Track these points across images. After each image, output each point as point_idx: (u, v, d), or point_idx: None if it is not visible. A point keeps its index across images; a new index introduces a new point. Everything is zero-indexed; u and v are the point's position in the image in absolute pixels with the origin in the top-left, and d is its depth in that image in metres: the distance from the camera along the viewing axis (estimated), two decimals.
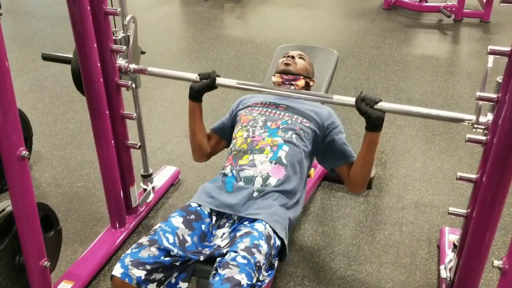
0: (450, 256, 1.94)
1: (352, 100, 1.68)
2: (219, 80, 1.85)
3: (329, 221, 2.34)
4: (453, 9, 5.03)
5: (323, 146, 1.88)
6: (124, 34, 1.97)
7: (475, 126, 1.56)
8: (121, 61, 1.98)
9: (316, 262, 2.09)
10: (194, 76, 1.89)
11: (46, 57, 2.17)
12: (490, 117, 1.53)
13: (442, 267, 1.97)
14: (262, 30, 5.01)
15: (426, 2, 5.43)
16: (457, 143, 2.97)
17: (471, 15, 5.12)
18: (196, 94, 1.88)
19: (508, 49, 1.40)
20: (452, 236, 2.06)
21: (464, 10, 5.05)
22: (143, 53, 2.07)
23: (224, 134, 2.03)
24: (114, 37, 1.93)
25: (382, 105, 1.66)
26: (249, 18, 5.49)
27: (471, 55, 4.38)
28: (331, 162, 1.88)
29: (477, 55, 4.33)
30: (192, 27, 5.15)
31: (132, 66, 1.99)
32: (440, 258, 2.07)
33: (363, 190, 1.87)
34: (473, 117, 1.56)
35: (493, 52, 1.42)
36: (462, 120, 1.61)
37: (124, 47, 1.94)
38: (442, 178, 2.65)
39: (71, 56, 2.01)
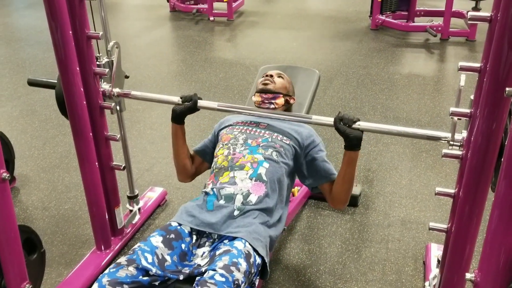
0: (434, 272, 1.94)
1: (330, 120, 1.71)
2: (201, 103, 1.88)
3: (315, 240, 2.34)
4: (439, 28, 5.11)
5: (304, 164, 1.90)
6: (108, 59, 2.00)
7: (451, 143, 1.58)
8: (105, 86, 2.02)
9: (302, 281, 2.09)
10: (177, 99, 1.92)
11: (32, 83, 2.25)
12: (465, 134, 1.55)
13: (427, 283, 1.97)
14: (251, 52, 5.07)
15: (413, 22, 5.53)
16: (443, 160, 2.96)
17: (457, 34, 5.20)
18: (178, 117, 1.91)
19: (478, 65, 1.43)
20: (438, 252, 2.06)
21: (450, 30, 5.13)
22: (127, 77, 2.11)
23: (205, 156, 2.05)
24: (98, 62, 1.96)
25: (360, 124, 1.69)
26: (238, 41, 5.56)
27: (457, 73, 4.41)
28: (313, 180, 1.90)
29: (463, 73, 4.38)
30: (182, 50, 5.21)
31: (116, 90, 2.03)
32: (426, 275, 2.07)
33: (345, 206, 1.90)
34: (449, 135, 1.58)
35: (463, 69, 1.45)
36: (438, 138, 1.63)
37: (107, 70, 1.96)
38: (428, 194, 2.66)
39: (56, 81, 2.05)
